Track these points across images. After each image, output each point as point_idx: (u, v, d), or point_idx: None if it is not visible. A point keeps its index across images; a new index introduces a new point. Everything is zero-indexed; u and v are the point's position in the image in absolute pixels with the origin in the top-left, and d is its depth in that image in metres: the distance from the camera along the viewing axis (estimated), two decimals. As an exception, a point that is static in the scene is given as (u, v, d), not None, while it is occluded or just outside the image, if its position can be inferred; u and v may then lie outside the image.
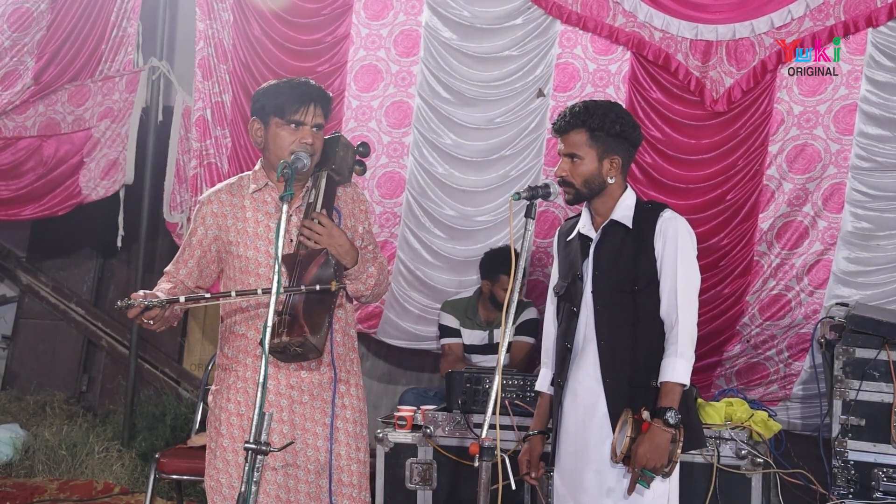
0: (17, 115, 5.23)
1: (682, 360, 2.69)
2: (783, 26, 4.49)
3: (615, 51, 4.70)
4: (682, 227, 2.81)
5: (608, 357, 2.78)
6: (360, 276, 2.82)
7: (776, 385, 4.57)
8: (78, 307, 5.95)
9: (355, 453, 2.83)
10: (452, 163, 4.89)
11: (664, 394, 2.67)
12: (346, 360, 2.86)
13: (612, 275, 2.82)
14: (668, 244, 2.78)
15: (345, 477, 2.80)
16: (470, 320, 4.69)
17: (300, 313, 2.61)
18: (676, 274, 2.75)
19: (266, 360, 2.37)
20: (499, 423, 2.47)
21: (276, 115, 2.75)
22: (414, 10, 4.88)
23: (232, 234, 2.80)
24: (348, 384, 2.86)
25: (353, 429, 2.85)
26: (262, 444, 2.34)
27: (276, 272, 2.45)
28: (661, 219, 2.82)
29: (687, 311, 2.73)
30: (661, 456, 2.61)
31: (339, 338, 2.84)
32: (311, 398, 2.79)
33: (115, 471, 5.00)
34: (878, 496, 3.74)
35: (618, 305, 2.79)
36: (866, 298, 4.40)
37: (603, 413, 2.76)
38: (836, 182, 4.50)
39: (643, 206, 2.89)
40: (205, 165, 5.11)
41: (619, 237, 2.85)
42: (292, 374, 2.78)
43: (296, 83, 2.80)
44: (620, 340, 2.78)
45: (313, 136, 2.76)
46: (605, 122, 2.82)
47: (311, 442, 2.78)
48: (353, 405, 2.85)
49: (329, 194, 2.80)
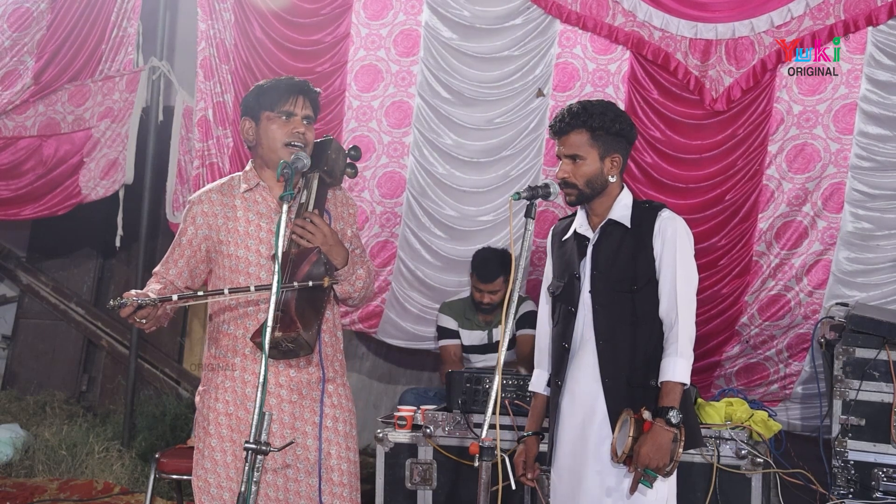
0: (17, 114, 5.24)
1: (683, 359, 2.69)
2: (783, 25, 4.49)
3: (614, 50, 4.70)
4: (681, 227, 2.81)
5: (607, 357, 2.77)
6: (350, 278, 2.83)
7: (776, 385, 4.57)
8: (78, 307, 5.95)
9: (346, 453, 2.83)
10: (453, 163, 4.90)
11: (665, 393, 2.67)
12: (333, 361, 2.87)
13: (610, 274, 2.81)
14: (667, 244, 2.77)
15: (335, 476, 2.80)
16: (469, 321, 4.70)
17: (292, 309, 2.62)
18: (676, 274, 2.74)
19: (266, 360, 2.37)
20: (499, 423, 2.47)
21: (266, 108, 2.78)
22: (414, 9, 4.88)
23: (223, 234, 2.81)
24: (336, 384, 2.86)
25: (343, 428, 2.85)
26: (262, 444, 2.35)
27: (277, 271, 2.46)
28: (660, 218, 2.81)
29: (686, 311, 2.73)
30: (664, 455, 2.61)
31: (327, 338, 2.85)
32: (300, 397, 2.79)
33: (115, 471, 5.00)
34: (878, 496, 3.74)
35: (616, 305, 2.79)
36: (866, 298, 4.40)
37: (602, 413, 2.75)
38: (835, 182, 4.50)
39: (641, 205, 2.89)
40: (207, 165, 5.11)
41: (618, 237, 2.84)
42: (281, 373, 2.78)
43: (281, 79, 2.86)
44: (619, 340, 2.77)
45: (305, 127, 2.79)
46: (605, 122, 2.82)
47: (300, 441, 2.77)
48: (341, 405, 2.86)
49: (320, 196, 2.82)
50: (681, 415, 2.63)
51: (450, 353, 4.70)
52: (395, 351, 5.31)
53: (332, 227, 2.81)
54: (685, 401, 2.73)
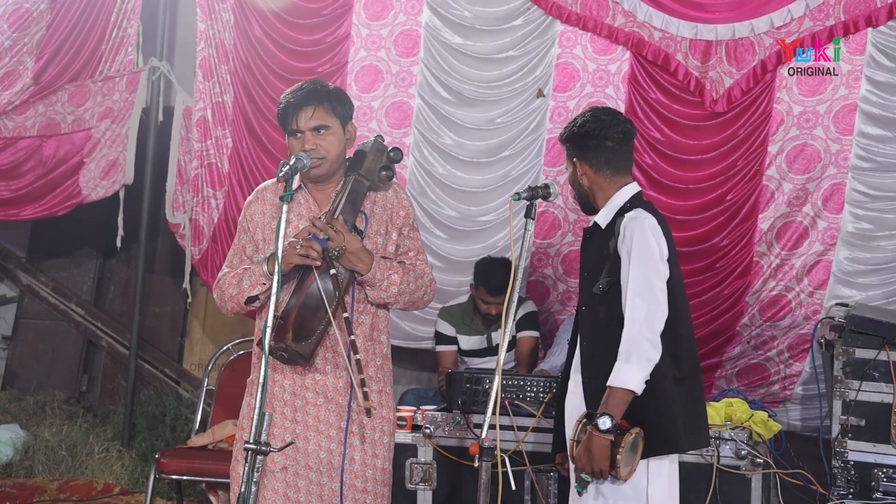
0: (16, 115, 5.23)
1: (627, 364, 2.61)
2: (783, 26, 4.50)
3: (615, 51, 4.70)
4: (641, 227, 2.71)
5: (587, 358, 2.79)
6: (380, 284, 2.77)
7: (777, 386, 4.57)
8: (78, 307, 5.95)
9: (371, 459, 2.79)
10: (453, 163, 4.90)
11: (604, 398, 2.63)
12: (367, 367, 2.80)
13: (589, 277, 2.84)
14: (625, 245, 2.72)
15: (358, 482, 2.77)
16: (467, 326, 4.67)
17: (291, 319, 2.64)
18: (629, 275, 2.68)
19: (266, 361, 2.38)
20: (499, 423, 2.48)
21: (283, 128, 2.84)
22: (414, 10, 4.88)
23: (266, 233, 2.83)
24: (370, 389, 2.78)
25: (371, 435, 2.80)
26: (263, 444, 2.35)
27: (277, 272, 2.47)
28: (624, 219, 2.76)
29: (637, 313, 2.64)
30: (597, 461, 2.57)
31: (360, 342, 2.79)
32: (325, 401, 2.77)
33: (115, 471, 4.99)
34: (878, 496, 3.74)
35: (594, 307, 2.80)
36: (866, 299, 4.40)
37: (581, 412, 2.76)
38: (835, 182, 4.51)
39: (625, 208, 2.82)
40: (205, 166, 5.10)
41: (596, 239, 2.86)
42: (307, 376, 2.78)
43: (290, 92, 2.83)
44: (597, 342, 2.77)
45: (315, 138, 2.76)
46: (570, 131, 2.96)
47: (324, 444, 2.75)
48: (372, 411, 2.80)
49: (353, 199, 2.79)
50: (614, 421, 2.57)
51: (446, 360, 4.70)
52: (395, 351, 5.27)
53: (367, 231, 2.80)
54: (654, 402, 2.66)
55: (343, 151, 2.85)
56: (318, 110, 2.78)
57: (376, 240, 2.84)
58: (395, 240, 2.88)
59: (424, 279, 2.88)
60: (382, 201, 2.88)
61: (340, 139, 2.83)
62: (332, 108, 2.81)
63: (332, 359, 2.77)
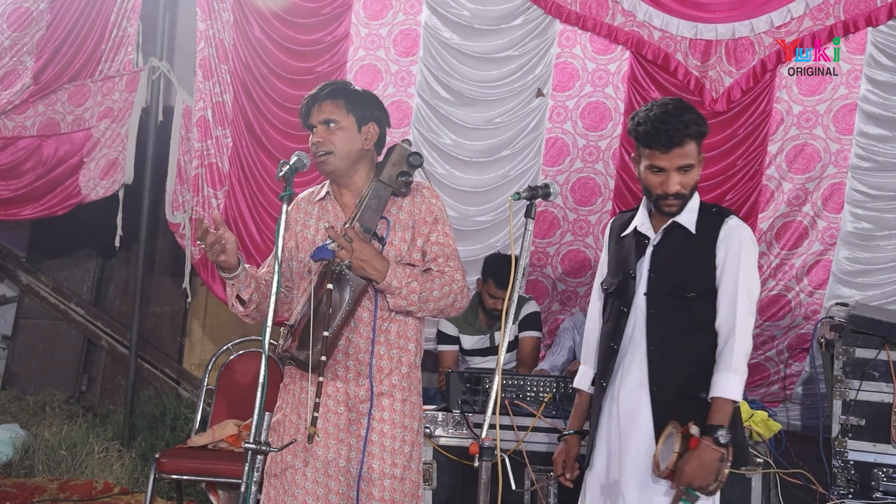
0: (16, 114, 5.23)
1: (736, 375, 2.56)
2: (783, 26, 4.50)
3: (614, 50, 4.70)
4: (747, 237, 2.67)
5: (657, 364, 2.66)
6: (398, 292, 2.70)
7: (777, 385, 4.57)
8: (78, 307, 5.95)
9: (390, 469, 2.74)
10: (452, 163, 4.89)
11: (715, 410, 2.55)
12: (390, 375, 2.77)
13: (669, 279, 2.70)
14: (731, 253, 2.65)
15: (376, 491, 2.72)
16: (469, 326, 4.67)
17: (299, 328, 2.63)
18: (738, 285, 2.61)
19: (266, 361, 2.38)
20: (499, 423, 2.47)
21: (304, 127, 2.84)
22: (413, 9, 4.89)
23: (298, 239, 2.83)
24: (392, 398, 2.75)
25: (392, 444, 2.75)
26: (263, 444, 2.35)
27: (277, 272, 2.46)
28: (726, 226, 2.69)
29: (744, 325, 2.59)
30: (709, 475, 2.50)
31: (384, 351, 2.76)
32: (346, 409, 2.74)
33: (115, 471, 4.99)
34: (878, 496, 3.74)
35: (672, 311, 2.68)
36: (866, 298, 4.40)
37: (646, 421, 2.66)
38: (835, 182, 4.51)
39: (707, 210, 2.76)
40: (206, 166, 5.10)
41: (680, 241, 2.73)
42: (329, 384, 2.74)
43: (309, 94, 2.85)
44: (672, 348, 2.66)
45: (324, 132, 2.75)
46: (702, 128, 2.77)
47: (343, 453, 2.73)
48: (393, 420, 2.75)
49: (374, 206, 2.75)
50: (730, 434, 2.52)
51: (447, 360, 4.69)
52: (395, 351, 5.30)
53: (389, 237, 2.76)
54: (734, 418, 2.62)
55: (357, 151, 2.78)
56: (329, 105, 2.77)
57: (400, 247, 2.78)
58: (421, 246, 2.80)
59: (454, 286, 2.78)
60: (409, 207, 2.82)
61: (353, 137, 2.77)
62: (346, 104, 2.78)
63: (353, 367, 2.74)
